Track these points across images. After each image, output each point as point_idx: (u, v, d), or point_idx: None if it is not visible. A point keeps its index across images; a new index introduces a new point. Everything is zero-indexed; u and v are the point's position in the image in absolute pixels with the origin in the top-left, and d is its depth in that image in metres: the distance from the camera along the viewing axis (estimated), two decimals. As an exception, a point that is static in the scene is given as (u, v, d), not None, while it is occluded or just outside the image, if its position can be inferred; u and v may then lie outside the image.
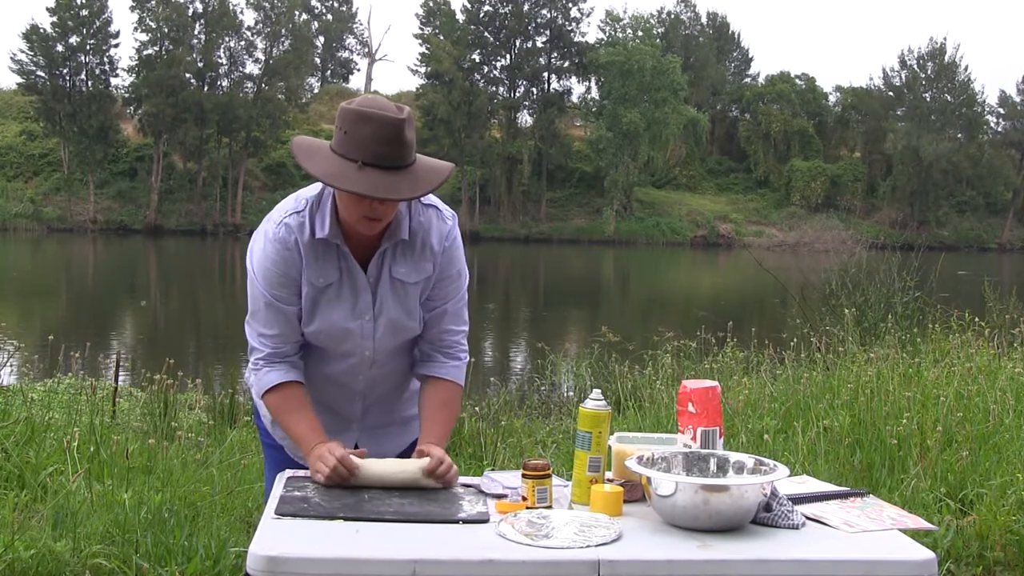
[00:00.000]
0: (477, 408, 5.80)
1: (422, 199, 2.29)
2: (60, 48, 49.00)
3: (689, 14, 64.35)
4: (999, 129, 61.88)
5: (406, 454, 2.36)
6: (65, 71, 49.12)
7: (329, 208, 2.23)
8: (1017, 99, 61.31)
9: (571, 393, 8.29)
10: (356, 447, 2.41)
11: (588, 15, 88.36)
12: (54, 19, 48.87)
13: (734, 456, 2.06)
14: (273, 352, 2.29)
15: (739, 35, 67.36)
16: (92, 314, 19.04)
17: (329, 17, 67.49)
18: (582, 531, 1.84)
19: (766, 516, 1.95)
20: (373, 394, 2.41)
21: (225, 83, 51.83)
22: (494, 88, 55.95)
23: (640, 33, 54.78)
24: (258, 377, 2.30)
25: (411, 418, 2.49)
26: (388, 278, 2.29)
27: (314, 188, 2.28)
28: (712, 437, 2.15)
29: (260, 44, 52.44)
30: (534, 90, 56.63)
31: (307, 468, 2.21)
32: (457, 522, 1.92)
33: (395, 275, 2.29)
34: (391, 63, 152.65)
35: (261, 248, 2.25)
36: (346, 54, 69.63)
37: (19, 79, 49.73)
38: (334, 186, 2.12)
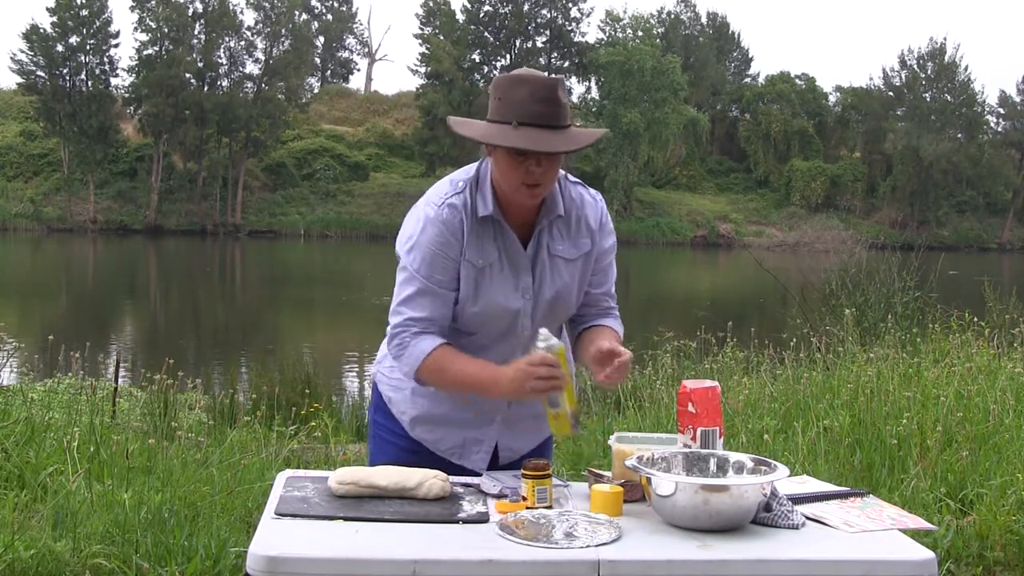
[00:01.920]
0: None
1: (570, 179, 2.34)
2: (60, 48, 48.95)
3: (689, 14, 64.37)
4: (999, 129, 61.86)
5: (537, 451, 2.39)
6: (65, 71, 49.08)
7: (489, 186, 2.25)
8: (1017, 99, 61.31)
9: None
10: (496, 445, 2.40)
11: (588, 15, 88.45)
12: (54, 19, 48.84)
13: (734, 456, 2.06)
14: (421, 330, 2.23)
15: (739, 35, 67.38)
16: (92, 314, 19.04)
17: (329, 17, 67.46)
18: (584, 531, 1.84)
19: (766, 516, 1.95)
20: None
21: (225, 83, 51.80)
22: (494, 88, 55.96)
23: (640, 33, 54.77)
24: (410, 351, 2.23)
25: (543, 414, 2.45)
26: (547, 255, 2.30)
27: (469, 170, 2.30)
28: (712, 437, 2.15)
29: (260, 44, 52.44)
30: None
31: (311, 470, 2.21)
32: (457, 522, 1.92)
33: (554, 252, 2.30)
34: (391, 63, 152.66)
35: (421, 231, 2.23)
36: (346, 54, 69.64)
37: (19, 79, 49.69)
38: (492, 143, 2.16)
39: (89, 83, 49.33)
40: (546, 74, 2.20)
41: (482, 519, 1.93)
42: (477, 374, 2.20)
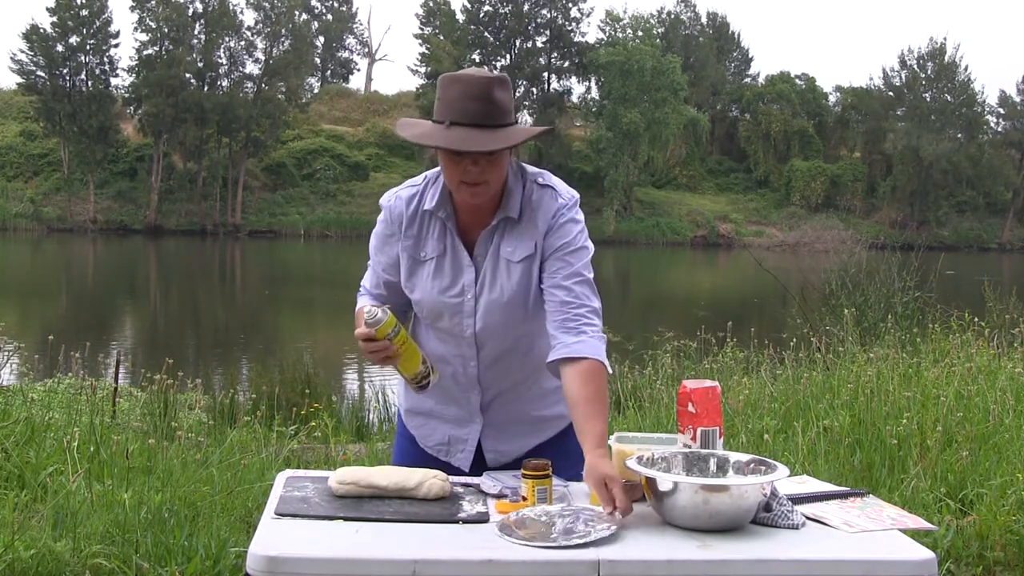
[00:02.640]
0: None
1: (539, 180, 2.29)
2: (60, 48, 48.93)
3: (689, 14, 64.37)
4: (999, 129, 61.86)
5: (535, 453, 2.35)
6: (65, 71, 49.07)
7: (442, 183, 2.28)
8: (1017, 99, 61.31)
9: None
10: (480, 444, 2.40)
11: (588, 15, 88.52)
12: (54, 19, 48.83)
13: (734, 456, 2.06)
14: (368, 292, 2.44)
15: (739, 35, 67.39)
16: (92, 314, 19.04)
17: (329, 17, 67.47)
18: (583, 527, 1.84)
19: (766, 516, 1.95)
20: (493, 387, 2.36)
21: (225, 83, 51.79)
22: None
23: (640, 33, 54.76)
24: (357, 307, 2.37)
25: (541, 419, 2.42)
26: (495, 256, 2.28)
27: (439, 168, 2.32)
28: (712, 437, 2.15)
29: (260, 44, 52.44)
30: (534, 90, 56.62)
31: (311, 470, 2.21)
32: (457, 522, 1.92)
33: (501, 253, 2.28)
34: (391, 63, 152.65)
35: (380, 215, 2.38)
36: (346, 54, 69.65)
37: (19, 79, 49.69)
38: (420, 143, 2.20)
39: (89, 83, 49.32)
40: (490, 72, 2.17)
41: (482, 519, 1.93)
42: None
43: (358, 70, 78.78)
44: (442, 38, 54.01)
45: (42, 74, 48.96)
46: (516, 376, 2.38)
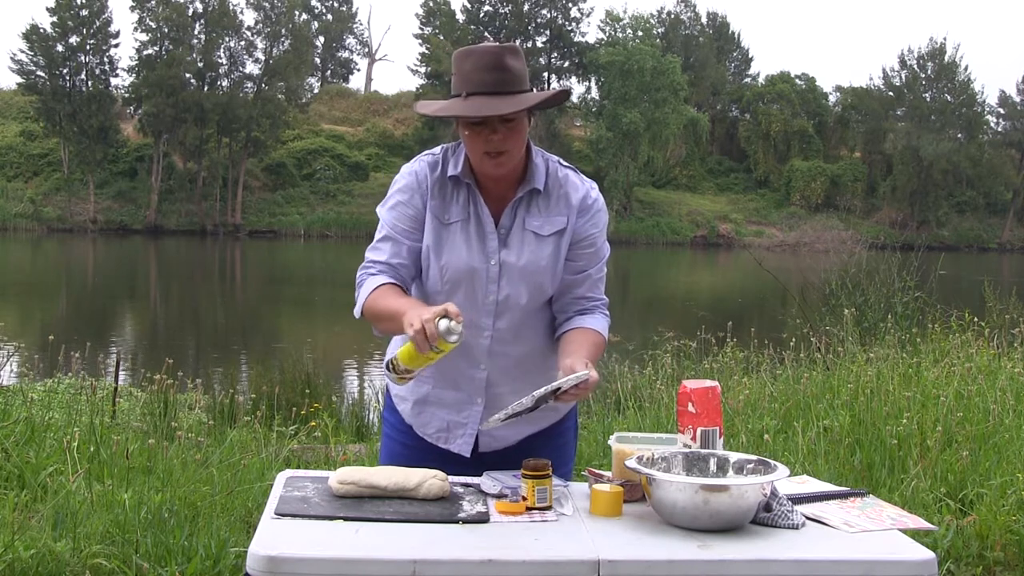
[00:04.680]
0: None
1: (561, 162, 2.37)
2: (60, 48, 48.95)
3: (689, 14, 64.37)
4: (999, 129, 61.89)
5: (527, 443, 2.35)
6: (65, 71, 49.07)
7: (463, 152, 2.31)
8: (1017, 99, 61.33)
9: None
10: (478, 432, 2.40)
11: (588, 15, 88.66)
12: (54, 19, 48.85)
13: (734, 456, 2.06)
14: (376, 272, 2.29)
15: (739, 35, 67.39)
16: (92, 314, 19.04)
17: (329, 17, 67.46)
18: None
19: (766, 516, 1.95)
20: (500, 362, 2.36)
21: (225, 83, 51.79)
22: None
23: (640, 33, 54.77)
24: (362, 289, 2.27)
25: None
26: (521, 228, 2.31)
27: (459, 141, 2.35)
28: (712, 437, 2.15)
29: (260, 44, 52.45)
30: (534, 90, 56.52)
31: (311, 470, 2.21)
32: (457, 522, 1.92)
33: (528, 227, 2.31)
34: (391, 63, 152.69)
35: (395, 183, 2.36)
36: (346, 54, 69.63)
37: (19, 79, 49.72)
38: (441, 115, 2.24)
39: (89, 83, 49.32)
40: (498, 43, 2.24)
41: (482, 519, 1.93)
42: (401, 306, 2.15)
43: (358, 70, 78.90)
44: (442, 38, 54.00)
45: (42, 74, 48.97)
46: (523, 356, 2.38)
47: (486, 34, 55.98)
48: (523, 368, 2.37)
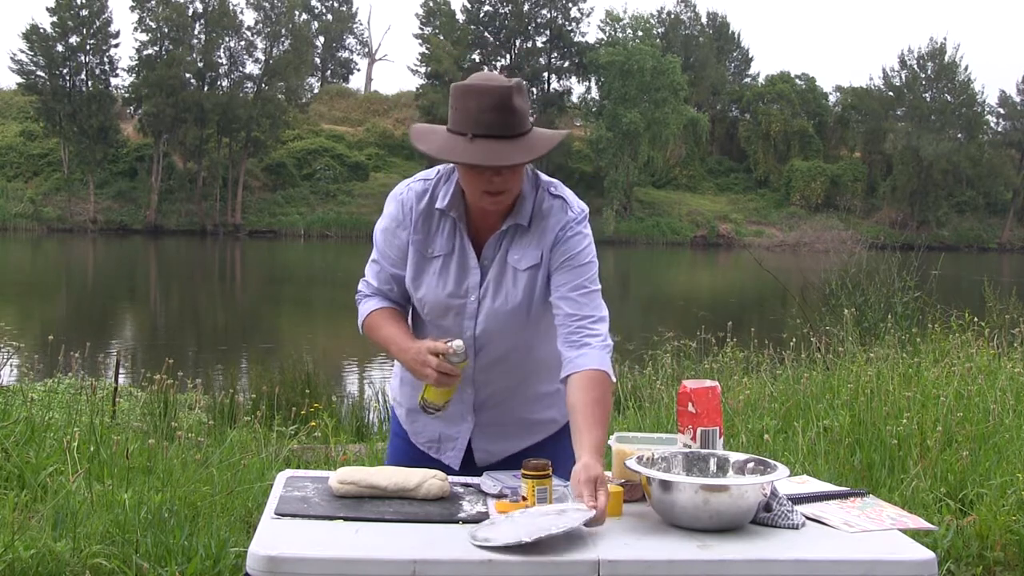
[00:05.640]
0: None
1: (551, 190, 2.29)
2: (60, 48, 48.91)
3: (689, 14, 64.34)
4: (999, 129, 61.85)
5: (524, 454, 2.28)
6: (65, 71, 49.03)
7: (455, 183, 2.26)
8: (1017, 99, 61.30)
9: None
10: (469, 444, 2.40)
11: (588, 15, 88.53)
12: (54, 19, 48.81)
13: (734, 456, 2.06)
14: (371, 294, 2.39)
15: (739, 35, 67.35)
16: (92, 314, 19.04)
17: (329, 17, 67.45)
18: (559, 516, 1.83)
19: (766, 516, 1.95)
20: (487, 387, 2.35)
21: (225, 83, 51.76)
22: (494, 88, 55.88)
23: (640, 33, 54.75)
24: (361, 308, 2.38)
25: (533, 422, 2.42)
26: (501, 262, 2.28)
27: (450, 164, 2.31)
28: (712, 437, 2.15)
29: (260, 44, 52.41)
30: (534, 90, 56.59)
31: (311, 470, 2.22)
32: (457, 522, 1.92)
33: (508, 260, 2.28)
34: (391, 63, 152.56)
35: (385, 207, 2.35)
36: (346, 54, 69.62)
37: (19, 79, 49.67)
38: (443, 159, 2.16)
39: (89, 83, 49.28)
40: (502, 78, 2.15)
41: (482, 519, 1.93)
42: (393, 338, 2.29)
43: (358, 70, 78.89)
44: (442, 38, 53.99)
45: (42, 74, 48.93)
46: (511, 378, 2.38)
47: (486, 33, 55.97)
48: (511, 392, 2.39)
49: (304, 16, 59.33)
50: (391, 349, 2.30)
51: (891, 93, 59.96)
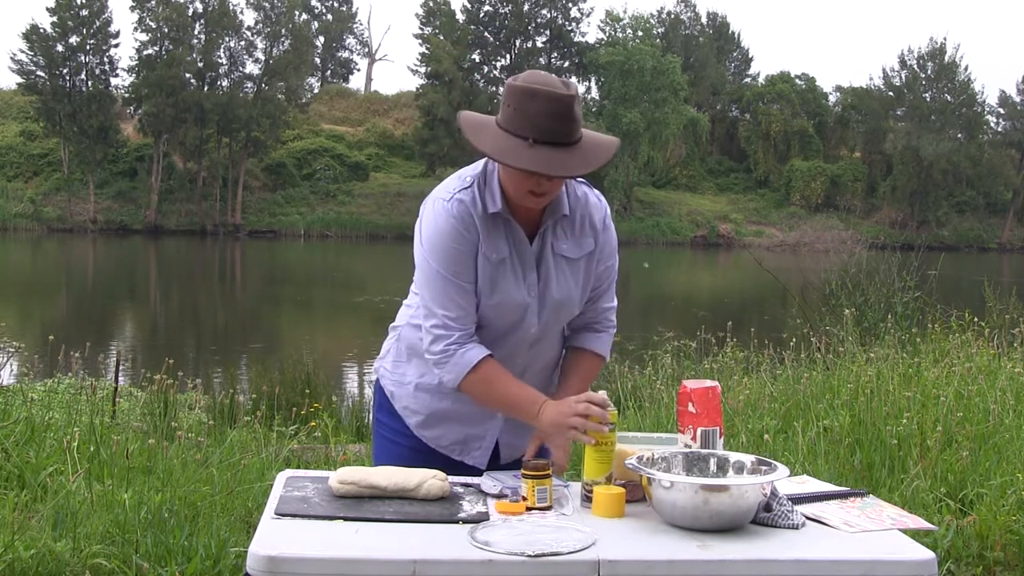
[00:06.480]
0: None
1: (577, 179, 2.32)
2: (60, 48, 48.88)
3: (689, 14, 64.35)
4: (999, 129, 61.85)
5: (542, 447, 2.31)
6: (65, 71, 49.01)
7: (497, 183, 2.24)
8: (1017, 99, 61.30)
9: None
10: (497, 442, 2.40)
11: (588, 15, 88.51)
12: (54, 19, 48.79)
13: (734, 456, 2.06)
14: (464, 332, 2.23)
15: (739, 35, 67.36)
16: (92, 314, 19.04)
17: (329, 17, 67.45)
18: (557, 532, 1.84)
19: (766, 516, 1.95)
20: (525, 378, 2.35)
21: (225, 83, 51.75)
22: (494, 88, 55.94)
23: (640, 33, 54.77)
24: (455, 360, 2.21)
25: None
26: (551, 255, 2.29)
27: (476, 166, 2.29)
28: (712, 437, 2.15)
29: (260, 44, 52.39)
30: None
31: (311, 470, 2.21)
32: (457, 522, 1.92)
33: (558, 251, 2.29)
34: (391, 63, 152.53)
35: (434, 225, 2.22)
36: (346, 54, 69.61)
37: (19, 79, 49.65)
38: (506, 164, 2.11)
39: (89, 83, 49.27)
40: (560, 82, 2.12)
41: (482, 519, 1.93)
42: (519, 395, 2.22)
43: (358, 70, 78.90)
44: (442, 38, 53.95)
45: (42, 74, 48.91)
46: (543, 368, 2.41)
47: (486, 33, 55.92)
48: (538, 379, 2.40)
49: (304, 16, 59.32)
50: (521, 404, 2.21)
51: (891, 93, 59.95)
